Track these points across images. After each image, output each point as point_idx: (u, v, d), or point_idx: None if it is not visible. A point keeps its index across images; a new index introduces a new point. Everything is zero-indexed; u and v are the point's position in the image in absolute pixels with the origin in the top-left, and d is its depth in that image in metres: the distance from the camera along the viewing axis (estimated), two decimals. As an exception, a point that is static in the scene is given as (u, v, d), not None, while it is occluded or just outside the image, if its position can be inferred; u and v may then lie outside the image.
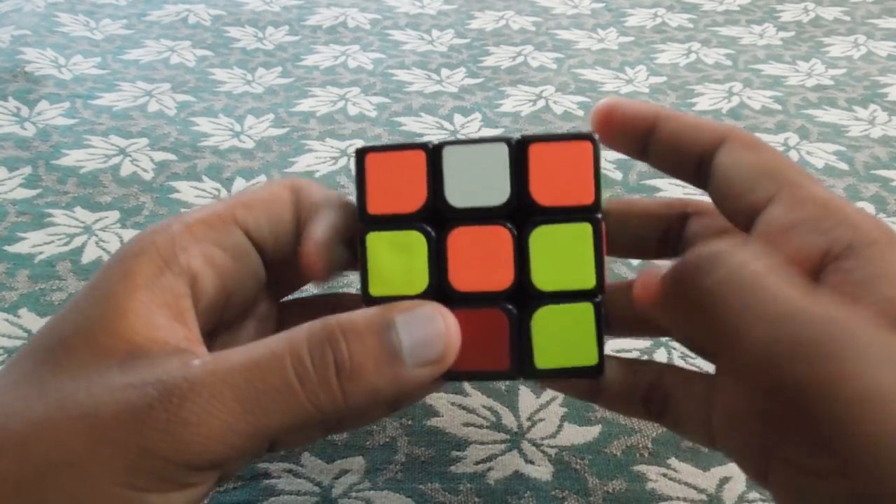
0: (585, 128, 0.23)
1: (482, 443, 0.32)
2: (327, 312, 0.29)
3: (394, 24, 0.77)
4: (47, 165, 0.51)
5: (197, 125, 0.57)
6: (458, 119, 0.59)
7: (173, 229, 0.23)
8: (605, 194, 0.23)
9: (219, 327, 0.26)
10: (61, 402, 0.20)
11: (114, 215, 0.46)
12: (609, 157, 0.53)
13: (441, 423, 0.33)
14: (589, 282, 0.22)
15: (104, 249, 0.43)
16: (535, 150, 0.22)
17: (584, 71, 0.67)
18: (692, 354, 0.36)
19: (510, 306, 0.22)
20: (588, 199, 0.22)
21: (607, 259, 0.23)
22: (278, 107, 0.60)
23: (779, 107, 0.61)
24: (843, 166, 0.53)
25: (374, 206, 0.23)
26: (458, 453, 0.32)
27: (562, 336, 0.22)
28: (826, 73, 0.67)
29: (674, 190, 0.49)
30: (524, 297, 0.22)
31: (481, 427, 0.33)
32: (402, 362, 0.21)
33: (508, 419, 0.33)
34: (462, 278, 0.22)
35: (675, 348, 0.37)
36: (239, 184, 0.49)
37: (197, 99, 0.61)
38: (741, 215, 0.24)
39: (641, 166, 0.52)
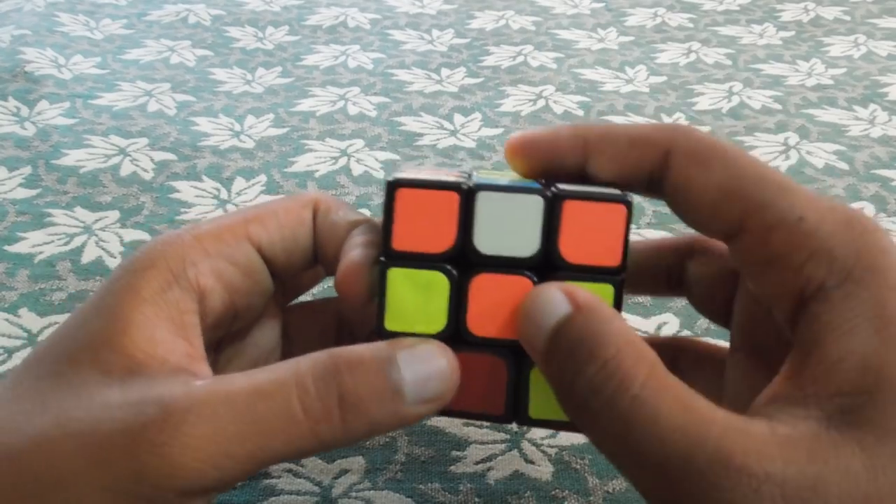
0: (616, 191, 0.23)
1: (482, 443, 0.32)
2: (332, 316, 0.29)
3: (394, 24, 0.77)
4: (47, 165, 0.51)
5: (197, 125, 0.57)
6: (459, 119, 0.59)
7: (185, 242, 0.23)
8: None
9: (224, 339, 0.26)
10: (60, 418, 0.20)
11: (114, 215, 0.46)
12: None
13: (441, 423, 0.33)
14: None
15: (104, 249, 0.43)
16: (569, 207, 0.22)
17: (585, 71, 0.67)
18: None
19: (511, 357, 0.23)
20: (615, 261, 0.22)
21: None
22: (278, 106, 0.60)
23: (779, 106, 0.61)
24: (844, 166, 0.53)
25: (400, 243, 0.22)
26: (458, 453, 0.32)
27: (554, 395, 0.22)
28: (826, 73, 0.67)
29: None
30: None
31: (481, 427, 0.33)
32: (403, 398, 0.21)
33: (508, 419, 0.33)
34: (480, 324, 0.22)
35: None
36: (239, 183, 0.49)
37: (197, 99, 0.61)
38: (716, 236, 0.23)
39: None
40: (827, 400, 0.19)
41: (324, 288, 0.38)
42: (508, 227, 0.22)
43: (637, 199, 0.29)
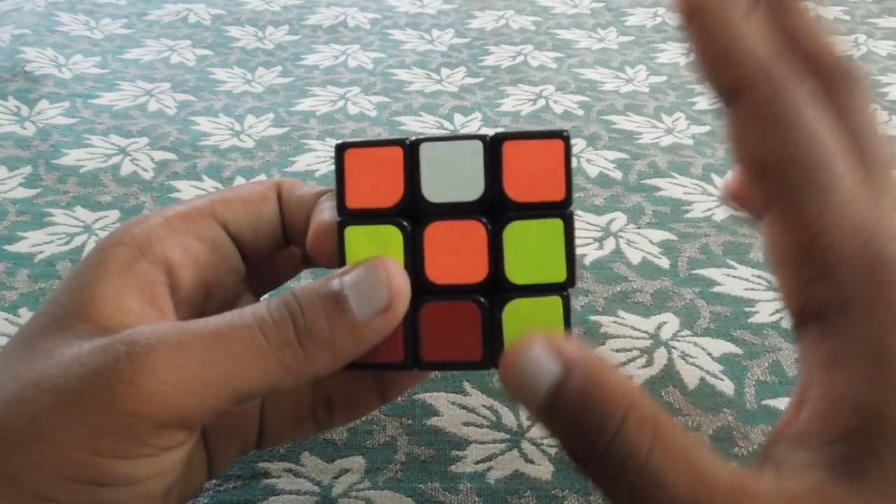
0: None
1: (482, 442, 0.32)
2: None
3: (394, 24, 0.77)
4: (47, 165, 0.51)
5: (197, 124, 0.57)
6: (459, 118, 0.59)
7: (151, 221, 0.24)
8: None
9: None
10: (33, 379, 0.20)
11: (114, 214, 0.46)
12: (609, 156, 0.53)
13: (441, 423, 0.33)
14: (560, 275, 0.23)
15: (104, 249, 0.43)
16: (508, 148, 0.23)
17: (585, 70, 0.67)
18: (692, 354, 0.37)
19: (482, 299, 0.23)
20: (559, 195, 0.23)
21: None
22: (278, 106, 0.60)
23: (779, 106, 0.61)
24: (844, 166, 0.53)
25: (353, 201, 0.23)
26: (458, 453, 0.32)
27: (531, 328, 0.23)
28: (826, 73, 0.67)
29: (674, 190, 0.49)
30: (496, 290, 0.23)
31: (481, 426, 0.33)
32: (351, 314, 0.21)
33: (508, 418, 0.33)
34: (437, 271, 0.23)
35: (674, 347, 0.37)
36: (239, 183, 0.49)
37: (197, 98, 0.61)
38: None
39: (641, 166, 0.52)
40: (829, 446, 0.18)
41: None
42: (453, 173, 0.23)
43: (637, 199, 0.29)
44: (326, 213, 0.24)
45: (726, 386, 0.35)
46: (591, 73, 0.67)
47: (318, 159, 0.53)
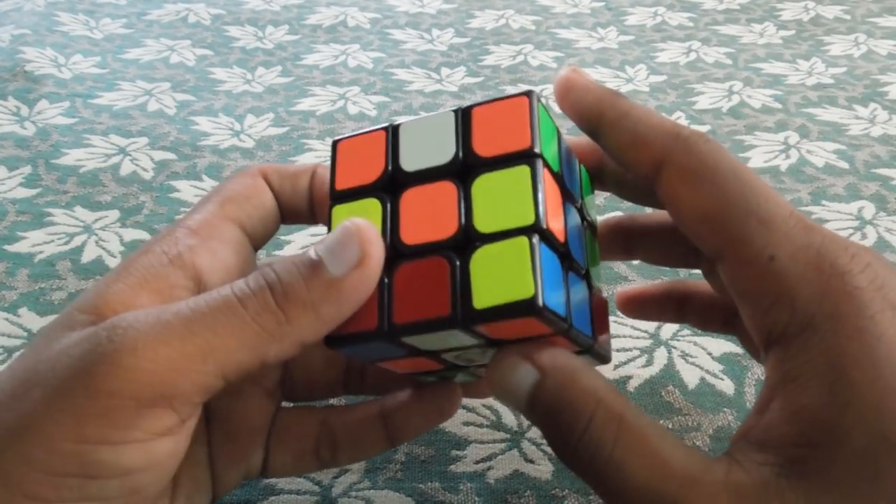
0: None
1: (482, 442, 0.32)
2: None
3: (394, 24, 0.77)
4: (47, 165, 0.51)
5: (197, 124, 0.57)
6: (458, 118, 0.59)
7: (177, 233, 0.24)
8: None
9: None
10: (26, 376, 0.20)
11: (114, 214, 0.46)
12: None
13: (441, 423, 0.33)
14: (528, 219, 0.22)
15: (104, 249, 0.43)
16: (477, 113, 0.24)
17: (585, 70, 0.67)
18: (693, 353, 0.36)
19: (451, 253, 0.22)
20: (525, 143, 0.23)
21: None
22: (278, 106, 0.60)
23: (779, 105, 0.61)
24: (844, 165, 0.53)
25: (341, 183, 0.24)
26: (458, 452, 0.31)
27: (500, 274, 0.22)
28: (826, 72, 0.67)
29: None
30: (468, 242, 0.22)
31: (481, 426, 0.33)
32: (325, 269, 0.21)
33: (508, 418, 0.33)
34: (411, 233, 0.23)
35: (674, 347, 0.37)
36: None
37: (197, 98, 0.61)
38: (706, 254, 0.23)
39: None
40: (781, 449, 0.20)
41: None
42: (428, 144, 0.24)
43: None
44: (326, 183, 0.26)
45: (726, 386, 0.35)
46: (591, 72, 0.67)
47: (318, 159, 0.52)
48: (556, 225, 0.23)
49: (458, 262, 0.22)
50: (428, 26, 0.76)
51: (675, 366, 0.36)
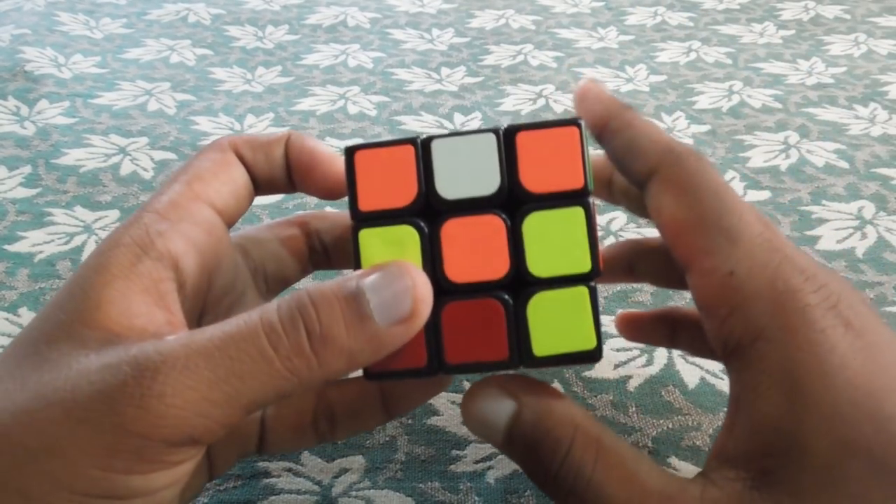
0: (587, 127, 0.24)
1: (482, 442, 0.32)
2: None
3: (394, 23, 0.77)
4: (47, 164, 0.51)
5: (197, 124, 0.57)
6: (458, 118, 0.59)
7: (145, 218, 0.23)
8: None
9: (205, 313, 0.26)
10: (41, 391, 0.20)
11: (114, 214, 0.46)
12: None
13: (441, 422, 0.33)
14: (584, 265, 0.22)
15: (104, 248, 0.43)
16: (522, 139, 0.22)
17: (585, 70, 0.67)
18: (690, 357, 0.36)
19: (505, 295, 0.22)
20: (578, 183, 0.22)
21: None
22: (278, 106, 0.60)
23: (779, 105, 0.61)
24: (844, 165, 0.53)
25: (365, 203, 0.23)
26: (457, 452, 0.31)
27: (559, 322, 0.22)
28: (826, 72, 0.67)
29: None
30: (519, 285, 0.22)
31: (481, 426, 0.33)
32: (372, 321, 0.20)
33: (508, 418, 0.33)
34: (457, 270, 0.22)
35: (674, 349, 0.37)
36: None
37: (197, 98, 0.61)
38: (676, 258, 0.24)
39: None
40: (750, 463, 0.21)
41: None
42: (467, 169, 0.22)
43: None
44: (319, 145, 0.26)
45: (726, 385, 0.35)
46: (591, 72, 0.67)
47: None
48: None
49: (513, 306, 0.22)
50: (428, 26, 0.76)
51: (675, 365, 0.36)
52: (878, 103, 0.61)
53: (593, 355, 0.22)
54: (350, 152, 0.23)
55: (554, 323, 0.22)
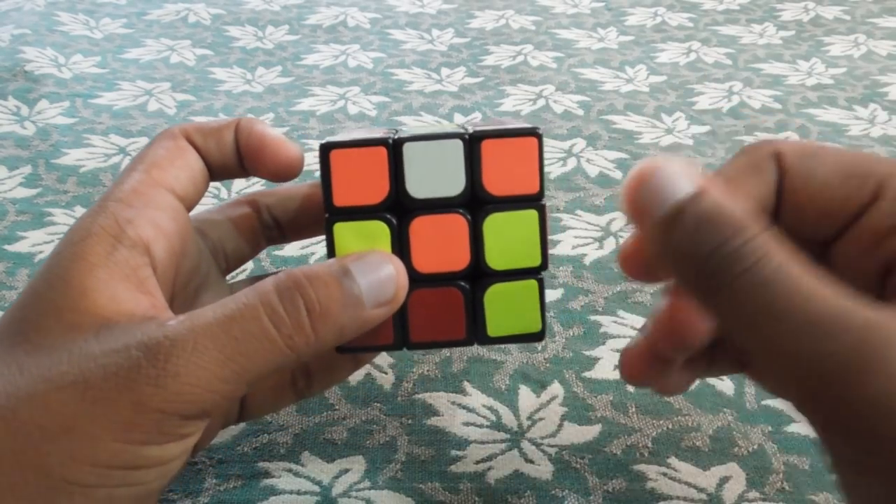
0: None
1: (482, 442, 0.32)
2: None
3: (394, 24, 0.77)
4: (47, 164, 0.51)
5: (197, 124, 0.57)
6: (458, 118, 0.59)
7: (111, 208, 0.24)
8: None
9: (175, 296, 0.26)
10: (44, 374, 0.21)
11: (114, 214, 0.46)
12: (609, 156, 0.53)
13: (441, 423, 0.33)
14: (535, 260, 0.25)
15: (104, 249, 0.43)
16: (486, 146, 0.25)
17: (584, 70, 0.67)
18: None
19: (465, 284, 0.25)
20: (534, 188, 0.25)
21: None
22: (278, 106, 0.60)
23: (779, 106, 0.61)
24: (844, 165, 0.53)
25: (340, 199, 0.25)
26: (458, 452, 0.32)
27: (511, 308, 0.25)
28: (826, 73, 0.67)
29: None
30: (478, 276, 0.25)
31: (481, 426, 0.33)
32: (363, 304, 0.23)
33: (508, 418, 0.33)
34: (423, 261, 0.25)
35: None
36: (239, 183, 0.49)
37: (197, 98, 0.61)
38: (826, 229, 0.23)
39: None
40: None
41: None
42: (436, 171, 0.25)
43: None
44: (268, 129, 0.27)
45: (726, 386, 0.35)
46: (591, 72, 0.67)
47: (317, 159, 0.52)
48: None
49: (472, 294, 0.25)
50: (428, 26, 0.76)
51: (674, 366, 0.36)
52: (878, 104, 0.62)
53: (538, 336, 0.26)
54: (325, 149, 0.25)
55: (507, 309, 0.25)
